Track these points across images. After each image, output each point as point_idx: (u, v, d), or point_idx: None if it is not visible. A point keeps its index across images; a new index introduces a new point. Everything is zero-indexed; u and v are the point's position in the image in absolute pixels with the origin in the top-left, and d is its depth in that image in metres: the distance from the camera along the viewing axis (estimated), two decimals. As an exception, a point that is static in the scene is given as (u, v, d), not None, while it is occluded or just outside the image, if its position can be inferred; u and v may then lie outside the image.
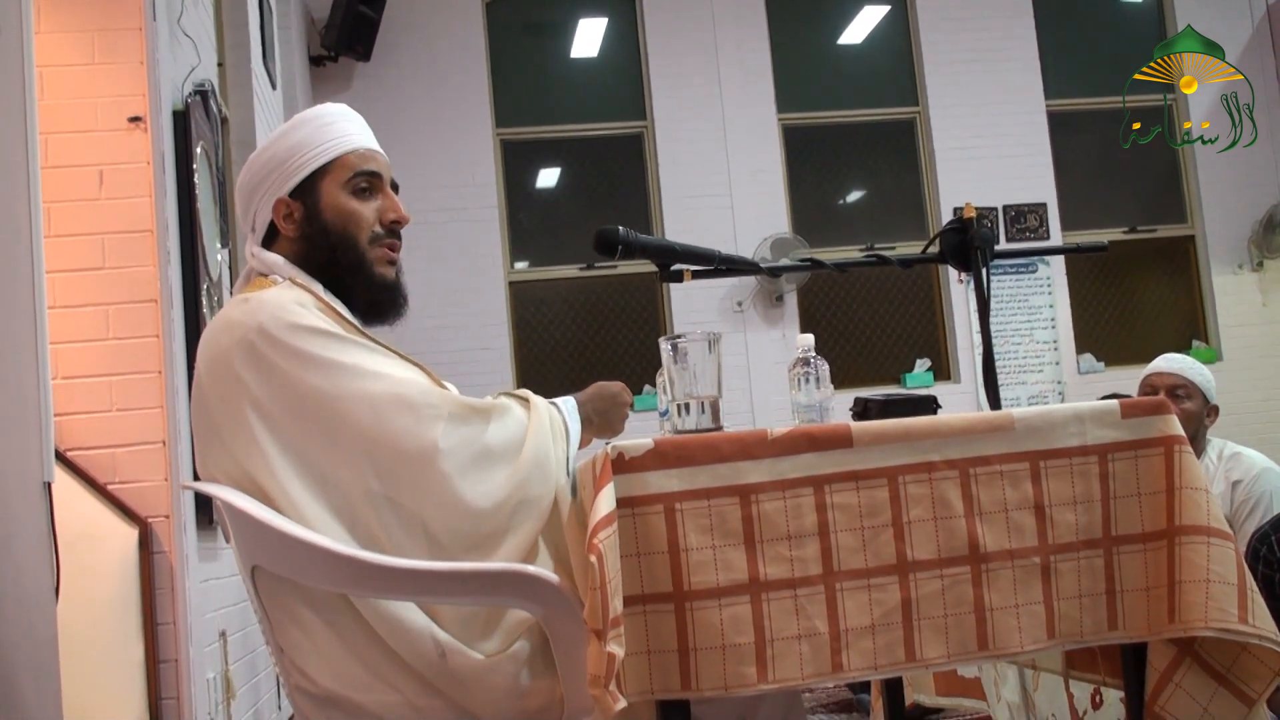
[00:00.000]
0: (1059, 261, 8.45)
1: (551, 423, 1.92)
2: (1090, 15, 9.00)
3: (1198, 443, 3.66)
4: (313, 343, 1.84)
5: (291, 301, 1.90)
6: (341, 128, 2.06)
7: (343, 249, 2.01)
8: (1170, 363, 3.75)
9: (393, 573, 1.76)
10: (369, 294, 2.03)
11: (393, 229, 2.05)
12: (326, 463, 1.82)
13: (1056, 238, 8.43)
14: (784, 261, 7.24)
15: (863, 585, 1.71)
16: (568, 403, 2.02)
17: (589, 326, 8.26)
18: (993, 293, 2.20)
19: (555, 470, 1.88)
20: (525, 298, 8.21)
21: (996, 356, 2.46)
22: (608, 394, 2.09)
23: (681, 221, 8.06)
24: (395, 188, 2.09)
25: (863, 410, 1.99)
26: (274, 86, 6.09)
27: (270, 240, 2.05)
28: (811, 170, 8.58)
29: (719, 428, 1.88)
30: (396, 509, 1.81)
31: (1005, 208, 8.41)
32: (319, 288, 1.99)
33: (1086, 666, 2.11)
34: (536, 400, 1.95)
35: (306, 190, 2.01)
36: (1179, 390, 3.65)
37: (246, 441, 1.84)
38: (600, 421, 2.07)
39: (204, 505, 3.72)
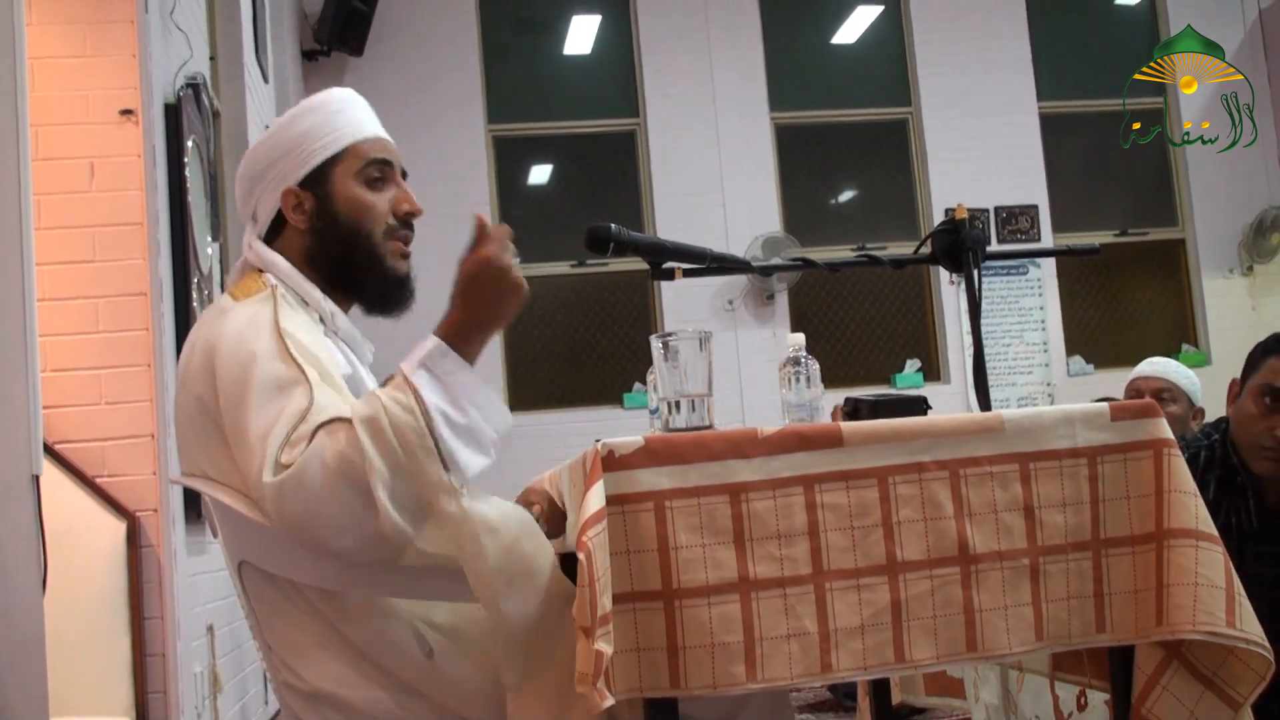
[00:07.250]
0: (1049, 263, 8.46)
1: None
2: (1084, 18, 9.00)
3: (1184, 446, 3.66)
4: (254, 366, 1.74)
5: (245, 324, 1.81)
6: (351, 115, 2.01)
7: (355, 243, 1.95)
8: (1155, 366, 3.76)
9: (377, 568, 1.75)
10: (382, 288, 1.99)
11: (406, 220, 2.00)
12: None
13: (1047, 240, 8.44)
14: (775, 260, 7.24)
15: (852, 585, 1.71)
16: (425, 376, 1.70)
17: (580, 323, 8.25)
18: (983, 294, 2.20)
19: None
20: (516, 294, 8.18)
21: (986, 358, 2.47)
22: (484, 281, 1.87)
23: (673, 219, 8.05)
24: (404, 175, 2.05)
25: (853, 410, 1.98)
26: (266, 80, 6.08)
27: (275, 231, 1.98)
28: (804, 169, 8.58)
29: (709, 426, 1.88)
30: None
31: (997, 209, 8.42)
32: (313, 291, 1.93)
33: (1072, 668, 2.11)
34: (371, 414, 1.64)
35: (317, 180, 1.95)
36: (1164, 394, 3.65)
37: (203, 442, 1.83)
38: (488, 326, 1.88)
39: (193, 499, 3.71)
